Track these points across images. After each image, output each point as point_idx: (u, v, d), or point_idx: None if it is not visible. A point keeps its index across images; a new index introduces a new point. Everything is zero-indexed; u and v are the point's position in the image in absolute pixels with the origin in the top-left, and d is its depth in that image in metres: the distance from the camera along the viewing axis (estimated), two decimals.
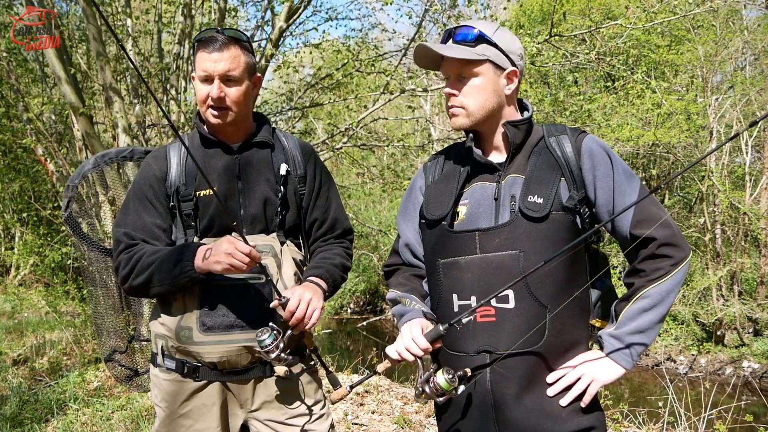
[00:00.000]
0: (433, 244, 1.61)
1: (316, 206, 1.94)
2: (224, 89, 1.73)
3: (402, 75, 7.31)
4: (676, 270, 1.46)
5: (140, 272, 1.69)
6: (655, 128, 9.67)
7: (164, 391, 1.79)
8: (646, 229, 1.46)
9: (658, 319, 1.47)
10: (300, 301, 1.67)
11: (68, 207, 2.05)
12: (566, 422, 1.47)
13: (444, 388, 1.43)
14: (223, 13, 6.71)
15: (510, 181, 1.54)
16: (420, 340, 1.48)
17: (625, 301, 1.50)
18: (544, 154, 1.56)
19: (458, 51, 1.51)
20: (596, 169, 1.51)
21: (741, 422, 4.84)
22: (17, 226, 12.14)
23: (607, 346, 1.50)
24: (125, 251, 1.74)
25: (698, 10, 7.19)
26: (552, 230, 1.48)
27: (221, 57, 1.71)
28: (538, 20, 12.86)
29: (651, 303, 1.46)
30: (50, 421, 4.13)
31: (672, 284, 1.46)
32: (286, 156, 1.89)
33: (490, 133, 1.60)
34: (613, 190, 1.50)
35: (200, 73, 1.73)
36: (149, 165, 1.83)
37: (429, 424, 4.10)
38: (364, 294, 16.36)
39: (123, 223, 1.78)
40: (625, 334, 1.48)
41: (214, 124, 1.77)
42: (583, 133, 1.57)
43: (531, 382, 1.48)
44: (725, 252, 11.08)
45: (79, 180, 2.07)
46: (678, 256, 1.47)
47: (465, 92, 1.54)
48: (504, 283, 1.46)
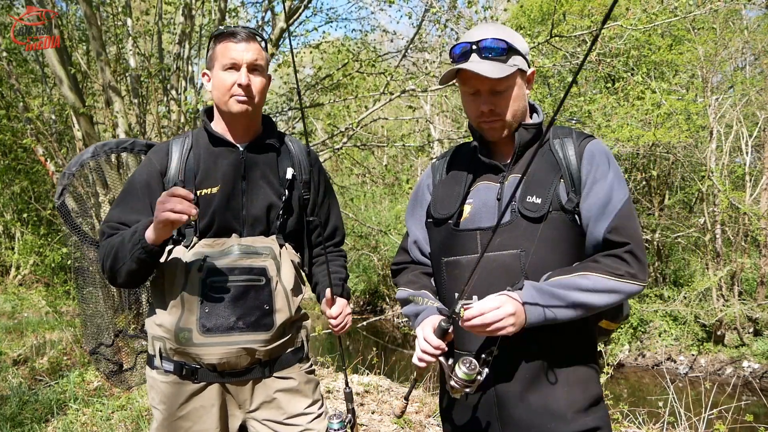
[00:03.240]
0: (439, 243, 1.63)
1: (321, 212, 1.96)
2: (251, 78, 1.74)
3: (402, 75, 7.32)
4: (629, 282, 1.43)
5: (108, 255, 1.69)
6: (655, 128, 9.67)
7: (162, 393, 1.77)
8: (620, 237, 1.46)
9: (582, 302, 1.41)
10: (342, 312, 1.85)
11: (62, 195, 2.02)
12: (571, 422, 1.47)
13: (467, 378, 1.43)
14: (223, 13, 6.72)
15: (512, 181, 1.55)
16: (432, 340, 1.48)
17: (566, 273, 1.45)
18: (547, 156, 1.56)
19: (498, 69, 1.48)
20: (591, 173, 1.51)
21: (741, 422, 4.85)
22: (17, 226, 12.15)
23: (525, 294, 1.43)
24: (103, 239, 1.74)
25: (698, 12, 7.19)
26: (551, 230, 1.48)
27: (248, 47, 1.74)
28: (538, 20, 12.87)
29: (589, 285, 1.42)
30: (50, 421, 4.13)
31: (616, 287, 1.42)
32: (292, 160, 1.89)
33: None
34: (599, 193, 1.49)
35: (225, 62, 1.74)
36: (150, 160, 1.82)
37: (429, 424, 4.11)
38: (364, 294, 16.37)
39: (108, 219, 1.78)
40: (548, 295, 1.41)
41: (236, 113, 1.76)
42: (588, 138, 1.57)
43: (534, 380, 1.48)
44: (725, 252, 11.08)
45: (76, 168, 2.03)
46: (638, 274, 1.44)
47: (501, 105, 1.53)
48: (506, 282, 1.46)
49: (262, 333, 1.74)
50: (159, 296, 1.76)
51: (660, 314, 11.12)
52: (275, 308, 1.75)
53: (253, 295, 1.73)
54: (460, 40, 1.58)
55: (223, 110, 1.79)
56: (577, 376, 1.51)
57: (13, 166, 7.86)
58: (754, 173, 11.45)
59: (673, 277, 12.46)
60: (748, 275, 11.57)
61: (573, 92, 8.76)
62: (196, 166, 1.78)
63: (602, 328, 1.60)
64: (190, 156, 1.79)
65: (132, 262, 1.63)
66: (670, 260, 12.68)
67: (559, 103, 1.33)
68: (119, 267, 1.67)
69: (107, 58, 5.88)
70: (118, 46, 6.96)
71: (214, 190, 1.76)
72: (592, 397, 1.52)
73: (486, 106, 1.53)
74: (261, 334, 1.74)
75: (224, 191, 1.76)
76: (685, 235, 11.98)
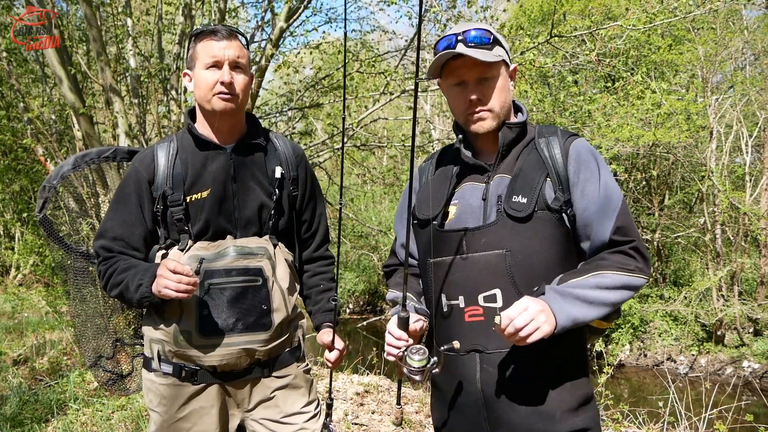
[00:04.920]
0: (424, 244, 1.63)
1: (307, 209, 1.95)
2: (233, 75, 1.73)
3: (401, 75, 7.31)
4: (639, 276, 1.45)
5: (113, 288, 1.72)
6: (655, 128, 9.66)
7: (161, 396, 1.77)
8: (625, 236, 1.47)
9: (606, 300, 1.42)
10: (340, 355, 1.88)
11: (43, 208, 1.96)
12: (559, 423, 1.47)
13: (418, 365, 1.43)
14: (223, 13, 6.72)
15: (497, 182, 1.55)
16: (395, 331, 1.49)
17: (580, 274, 1.45)
18: (532, 155, 1.56)
19: (485, 55, 1.49)
20: (581, 172, 1.51)
21: (741, 422, 4.84)
22: (17, 226, 12.14)
23: (550, 299, 1.41)
24: (103, 263, 1.76)
25: (698, 12, 7.19)
26: (537, 229, 1.48)
27: (230, 44, 1.73)
28: (538, 20, 12.86)
29: (609, 283, 1.42)
30: (50, 421, 4.12)
31: (630, 282, 1.44)
32: (279, 158, 1.87)
33: (484, 134, 1.59)
34: (595, 194, 1.49)
35: (207, 60, 1.72)
36: (136, 169, 1.79)
37: (429, 424, 4.10)
38: (363, 294, 16.37)
39: (102, 234, 1.78)
40: (572, 297, 1.41)
41: (220, 111, 1.74)
42: (573, 136, 1.57)
43: (522, 381, 1.48)
44: (725, 252, 11.07)
45: (57, 181, 1.98)
46: (644, 268, 1.47)
47: (488, 95, 1.54)
48: (491, 283, 1.47)
49: (261, 333, 1.74)
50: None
51: (660, 314, 11.12)
52: (273, 308, 1.75)
53: (250, 295, 1.73)
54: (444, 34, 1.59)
55: (206, 109, 1.77)
56: (565, 375, 1.51)
57: (13, 166, 7.84)
58: (754, 173, 11.44)
59: (673, 277, 12.45)
60: (748, 275, 11.57)
61: (573, 92, 8.74)
62: (184, 171, 1.76)
63: (593, 327, 1.58)
64: (177, 161, 1.77)
65: (139, 305, 1.73)
66: (670, 260, 12.67)
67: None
68: (125, 303, 1.81)
69: (107, 58, 5.87)
70: (118, 47, 6.95)
71: (205, 194, 1.74)
72: (582, 397, 1.51)
73: (474, 94, 1.53)
74: (260, 335, 1.74)
75: (215, 195, 1.75)
76: (685, 235, 11.97)
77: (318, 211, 2.00)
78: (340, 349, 1.87)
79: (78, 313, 2.11)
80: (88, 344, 2.09)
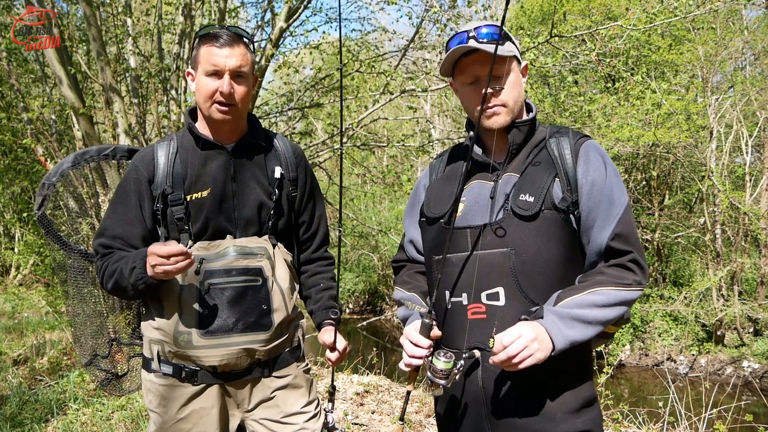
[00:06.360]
0: (430, 241, 1.63)
1: (306, 209, 1.95)
2: (233, 85, 1.71)
3: (402, 75, 7.31)
4: (635, 290, 1.45)
5: (109, 279, 1.71)
6: (655, 128, 9.66)
7: (161, 396, 1.77)
8: (624, 245, 1.47)
9: (601, 319, 1.42)
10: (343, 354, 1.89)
11: (42, 206, 1.95)
12: (560, 424, 1.46)
13: (444, 368, 1.43)
14: (223, 13, 6.72)
15: (506, 180, 1.55)
16: (421, 341, 1.49)
17: (576, 291, 1.44)
18: (542, 154, 1.56)
19: (499, 50, 1.48)
20: (589, 170, 1.51)
21: (741, 422, 4.84)
22: (17, 226, 12.14)
23: (548, 323, 1.41)
24: (100, 259, 1.76)
25: (698, 12, 7.18)
26: (543, 228, 1.48)
27: (232, 53, 1.70)
28: (539, 20, 12.86)
29: (604, 301, 1.42)
30: (50, 421, 4.12)
31: (626, 297, 1.44)
32: (279, 159, 1.87)
33: (495, 132, 1.59)
34: (600, 197, 1.49)
35: (208, 68, 1.70)
36: (135, 167, 1.79)
37: (429, 424, 4.10)
38: (363, 294, 16.37)
39: (101, 233, 1.78)
40: (569, 318, 1.41)
41: (218, 120, 1.74)
42: (584, 138, 1.58)
43: (523, 380, 1.48)
44: (725, 252, 11.07)
45: (57, 178, 1.98)
46: (642, 280, 1.47)
47: (503, 90, 1.54)
48: (494, 281, 1.47)
49: (262, 333, 1.74)
50: (156, 299, 1.75)
51: (660, 314, 11.12)
52: (273, 308, 1.75)
53: (251, 295, 1.73)
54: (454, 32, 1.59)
55: (205, 115, 1.78)
56: (567, 377, 1.51)
57: (13, 166, 7.85)
58: (754, 173, 11.44)
59: (673, 277, 12.45)
60: (748, 275, 11.57)
61: (573, 92, 8.74)
62: (183, 170, 1.76)
63: (605, 331, 1.58)
64: (177, 160, 1.77)
65: (136, 291, 1.67)
66: (670, 260, 12.66)
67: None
68: (122, 294, 1.74)
69: (107, 58, 5.87)
70: (118, 46, 6.95)
71: (205, 194, 1.74)
72: (584, 398, 1.51)
73: (491, 90, 1.53)
74: (260, 334, 1.74)
75: (215, 194, 1.75)
76: (685, 235, 11.97)
77: (317, 212, 2.00)
78: (340, 350, 1.87)
79: (77, 312, 2.10)
80: (86, 343, 2.08)
